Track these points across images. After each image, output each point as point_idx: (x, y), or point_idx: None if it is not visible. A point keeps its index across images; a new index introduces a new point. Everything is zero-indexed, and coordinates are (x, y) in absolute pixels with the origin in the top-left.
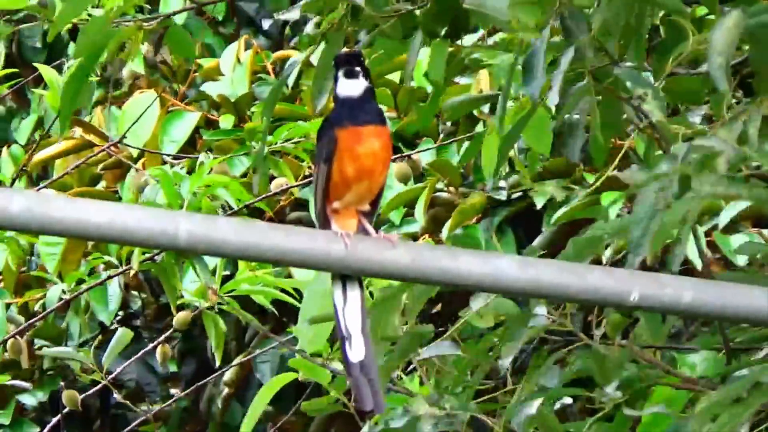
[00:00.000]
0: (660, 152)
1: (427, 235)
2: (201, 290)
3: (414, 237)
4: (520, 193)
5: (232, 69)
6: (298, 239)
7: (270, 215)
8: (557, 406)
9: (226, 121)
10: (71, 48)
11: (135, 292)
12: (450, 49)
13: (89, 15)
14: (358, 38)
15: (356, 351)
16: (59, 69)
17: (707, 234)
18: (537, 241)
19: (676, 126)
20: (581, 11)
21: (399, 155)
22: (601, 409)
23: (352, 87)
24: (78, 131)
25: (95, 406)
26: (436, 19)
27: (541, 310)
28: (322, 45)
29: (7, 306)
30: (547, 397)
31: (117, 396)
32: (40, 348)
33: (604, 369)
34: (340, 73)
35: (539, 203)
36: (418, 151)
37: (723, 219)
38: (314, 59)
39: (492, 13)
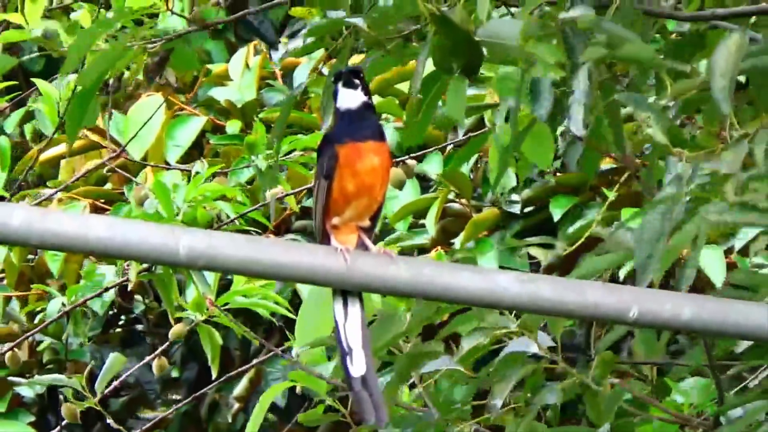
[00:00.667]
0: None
1: (439, 248)
2: (196, 302)
3: (423, 249)
4: (532, 207)
5: (241, 74)
6: (298, 254)
7: (271, 228)
8: None
9: (233, 127)
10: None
11: (138, 297)
12: None
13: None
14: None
15: (357, 366)
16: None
17: (726, 255)
18: (551, 256)
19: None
20: (583, 31)
21: (394, 160)
22: None
23: (350, 98)
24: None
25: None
26: (450, 55)
27: (533, 347)
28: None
29: (8, 300)
30: None
31: (111, 422)
32: (40, 344)
33: (598, 408)
34: (339, 85)
35: (556, 216)
36: (412, 157)
37: (738, 243)
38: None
39: (506, 44)
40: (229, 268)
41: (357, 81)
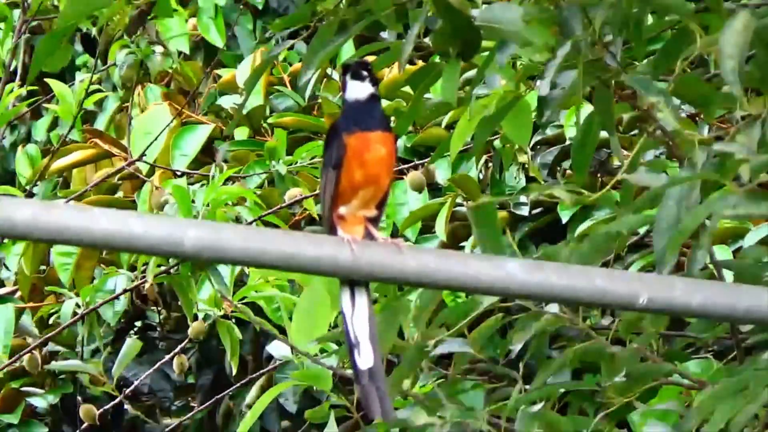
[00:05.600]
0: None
1: None
2: (214, 299)
3: None
4: (540, 209)
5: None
6: (305, 245)
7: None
8: None
9: (242, 133)
10: (82, 58)
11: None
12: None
13: None
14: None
15: (365, 359)
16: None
17: (734, 256)
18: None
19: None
20: (579, 6)
21: (413, 164)
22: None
23: (359, 90)
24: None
25: (109, 414)
26: (449, 39)
27: (553, 308)
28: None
29: (21, 312)
30: (552, 391)
31: (129, 408)
32: (53, 353)
33: (612, 365)
34: (348, 77)
35: (564, 217)
36: (432, 161)
37: (748, 241)
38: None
39: (505, 28)
40: (236, 259)
41: (365, 73)
